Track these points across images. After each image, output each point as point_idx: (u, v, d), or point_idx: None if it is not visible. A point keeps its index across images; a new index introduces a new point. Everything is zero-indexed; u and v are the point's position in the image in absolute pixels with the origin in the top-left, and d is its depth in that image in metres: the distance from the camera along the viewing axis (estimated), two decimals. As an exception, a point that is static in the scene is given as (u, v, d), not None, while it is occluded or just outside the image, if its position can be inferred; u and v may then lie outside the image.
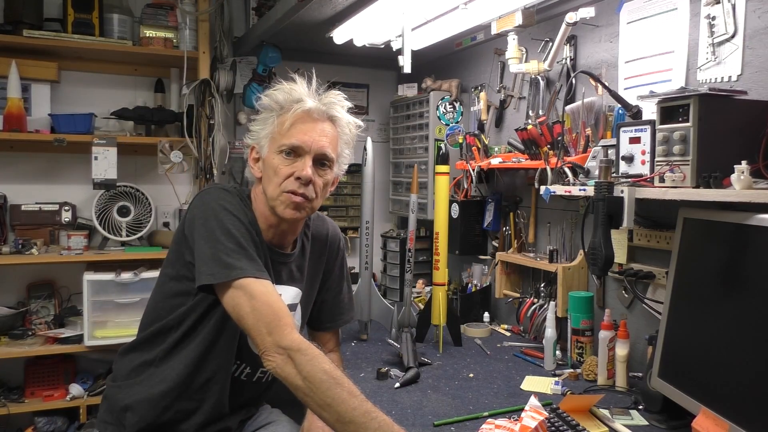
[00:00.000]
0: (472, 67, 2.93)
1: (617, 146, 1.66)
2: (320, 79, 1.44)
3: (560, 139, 1.99)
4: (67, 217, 2.87)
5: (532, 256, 2.37)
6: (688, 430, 1.40)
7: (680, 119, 1.47)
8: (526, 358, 2.12)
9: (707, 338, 1.40)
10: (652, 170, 1.55)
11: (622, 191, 1.56)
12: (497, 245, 2.60)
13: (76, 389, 2.77)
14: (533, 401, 1.40)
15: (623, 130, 1.65)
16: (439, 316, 2.21)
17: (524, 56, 2.37)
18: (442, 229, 2.24)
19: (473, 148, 2.60)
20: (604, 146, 1.69)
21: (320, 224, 1.62)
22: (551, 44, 2.17)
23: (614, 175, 1.64)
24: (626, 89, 1.95)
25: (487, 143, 2.61)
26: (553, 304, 2.07)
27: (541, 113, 2.33)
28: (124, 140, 2.81)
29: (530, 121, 2.34)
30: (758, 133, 1.44)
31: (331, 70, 3.15)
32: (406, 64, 2.25)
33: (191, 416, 1.42)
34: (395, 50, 2.45)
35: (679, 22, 1.78)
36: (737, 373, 1.29)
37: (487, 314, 2.52)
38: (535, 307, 2.28)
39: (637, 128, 1.61)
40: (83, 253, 2.76)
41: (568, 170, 1.92)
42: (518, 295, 2.45)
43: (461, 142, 2.73)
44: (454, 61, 3.07)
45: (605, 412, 1.59)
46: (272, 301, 1.25)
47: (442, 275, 2.23)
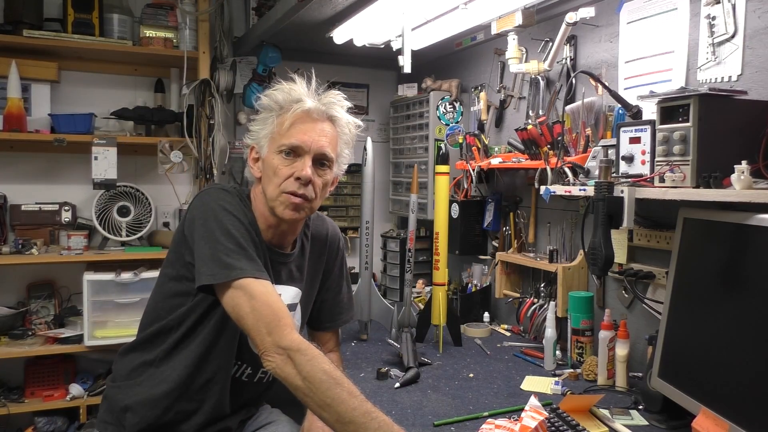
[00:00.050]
0: (472, 67, 2.93)
1: (617, 146, 1.66)
2: (320, 79, 1.44)
3: (560, 139, 1.99)
4: (67, 217, 2.87)
5: (532, 256, 2.37)
6: (688, 430, 1.40)
7: (680, 119, 1.46)
8: (526, 358, 2.12)
9: (707, 338, 1.40)
10: (652, 170, 1.55)
11: (622, 191, 1.56)
12: (497, 245, 2.60)
13: (76, 389, 2.77)
14: (533, 401, 1.40)
15: (623, 130, 1.65)
16: (439, 316, 2.21)
17: (524, 56, 2.36)
18: (442, 229, 2.24)
19: (473, 148, 2.60)
20: (604, 146, 1.69)
21: (320, 224, 1.62)
22: (551, 44, 2.17)
23: (614, 175, 1.64)
24: (626, 89, 1.95)
25: (487, 143, 2.61)
26: (553, 304, 2.07)
27: (541, 113, 2.33)
28: (124, 140, 2.81)
29: (530, 121, 2.34)
30: (758, 133, 1.44)
31: (331, 70, 3.15)
32: (406, 64, 2.25)
33: (191, 417, 1.42)
34: (395, 50, 2.45)
35: (679, 22, 1.78)
36: (737, 373, 1.29)
37: (487, 314, 2.52)
38: (535, 307, 2.28)
39: (637, 128, 1.61)
40: (83, 253, 2.76)
41: (568, 170, 1.92)
42: (518, 295, 2.45)
43: (461, 142, 2.73)
44: (454, 61, 3.06)
45: (605, 412, 1.59)
46: (272, 301, 1.25)
47: (442, 275, 2.23)
